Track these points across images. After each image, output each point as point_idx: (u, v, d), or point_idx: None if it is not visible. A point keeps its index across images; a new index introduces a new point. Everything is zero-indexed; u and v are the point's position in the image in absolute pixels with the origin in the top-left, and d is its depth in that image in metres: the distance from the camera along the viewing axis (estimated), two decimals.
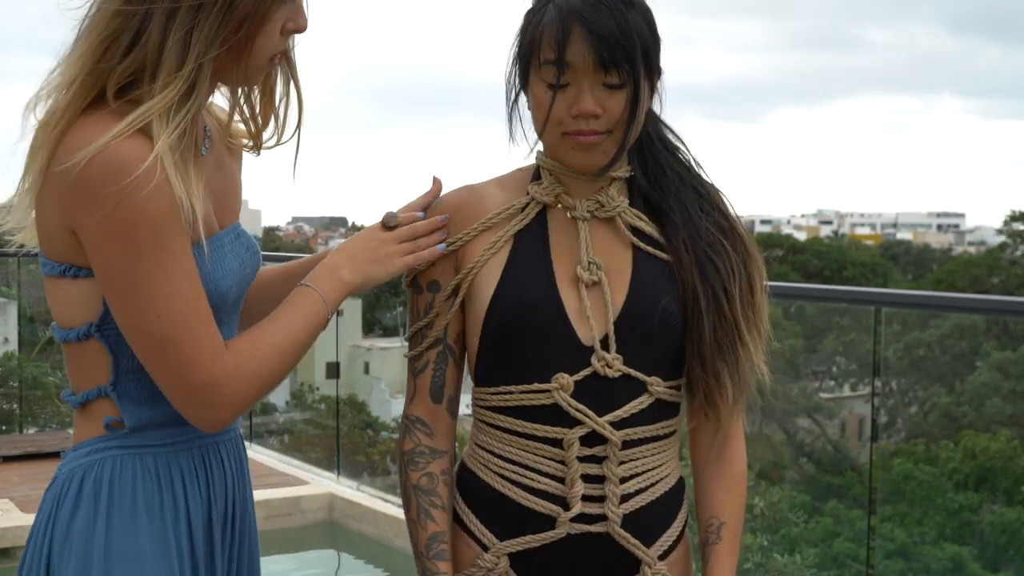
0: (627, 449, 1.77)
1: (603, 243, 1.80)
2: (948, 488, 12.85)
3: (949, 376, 20.27)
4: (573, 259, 1.79)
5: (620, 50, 1.68)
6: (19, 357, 9.81)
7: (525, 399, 1.76)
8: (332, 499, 6.43)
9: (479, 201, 1.83)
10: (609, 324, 1.75)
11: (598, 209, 1.80)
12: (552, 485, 1.76)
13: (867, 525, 7.00)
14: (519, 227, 1.80)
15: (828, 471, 16.03)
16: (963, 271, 32.06)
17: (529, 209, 1.81)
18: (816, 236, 56.99)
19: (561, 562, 1.77)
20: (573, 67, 1.69)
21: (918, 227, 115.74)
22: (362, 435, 14.77)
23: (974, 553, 11.23)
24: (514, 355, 1.77)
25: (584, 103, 1.69)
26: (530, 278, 1.77)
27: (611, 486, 1.75)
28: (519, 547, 1.77)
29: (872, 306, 5.21)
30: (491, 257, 1.79)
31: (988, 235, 77.77)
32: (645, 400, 1.77)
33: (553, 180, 1.81)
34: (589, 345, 1.75)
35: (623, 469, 1.76)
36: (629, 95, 1.70)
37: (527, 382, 1.76)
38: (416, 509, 1.80)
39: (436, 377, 1.85)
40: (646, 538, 1.78)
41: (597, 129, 1.71)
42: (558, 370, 1.74)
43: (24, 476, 6.72)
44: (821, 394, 19.97)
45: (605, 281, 1.77)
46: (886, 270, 38.95)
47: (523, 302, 1.75)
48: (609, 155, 1.74)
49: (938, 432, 17.24)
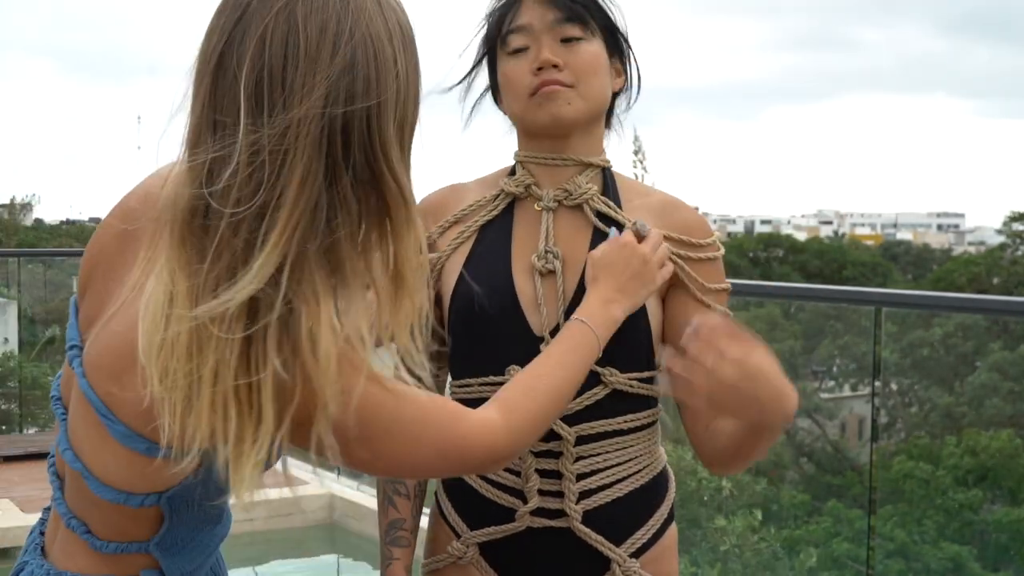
0: (584, 445, 1.77)
1: (567, 232, 1.80)
2: (948, 487, 12.85)
3: (949, 377, 20.28)
4: (534, 249, 1.79)
5: (573, 5, 1.76)
6: (19, 357, 9.81)
7: (484, 391, 1.75)
8: (332, 499, 6.42)
9: (458, 198, 1.87)
10: (559, 314, 1.75)
11: (566, 197, 1.81)
12: (510, 479, 1.78)
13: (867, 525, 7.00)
14: (486, 219, 1.83)
15: (828, 471, 16.03)
16: (963, 271, 32.05)
17: (499, 201, 1.84)
18: (816, 236, 56.99)
19: (528, 554, 1.80)
20: (530, 29, 1.77)
21: (918, 227, 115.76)
22: None
23: (974, 553, 11.23)
24: (472, 346, 1.79)
25: (543, 54, 1.75)
26: (487, 269, 1.79)
27: (567, 483, 1.76)
28: (484, 538, 1.81)
29: (872, 306, 5.20)
30: (454, 250, 1.82)
31: (988, 235, 77.74)
32: (599, 391, 1.76)
33: (525, 172, 1.83)
34: (541, 335, 1.75)
35: (581, 465, 1.76)
36: (589, 48, 1.77)
37: (484, 375, 1.78)
38: (381, 495, 1.85)
39: (439, 384, 1.85)
40: (616, 535, 1.78)
41: (561, 80, 1.75)
42: (511, 361, 1.75)
43: (24, 476, 6.72)
44: (821, 394, 19.97)
45: (559, 269, 1.77)
46: (886, 270, 38.93)
47: (478, 292, 1.75)
48: (577, 108, 1.77)
49: (938, 432, 17.24)
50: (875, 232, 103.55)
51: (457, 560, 1.84)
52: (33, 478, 6.64)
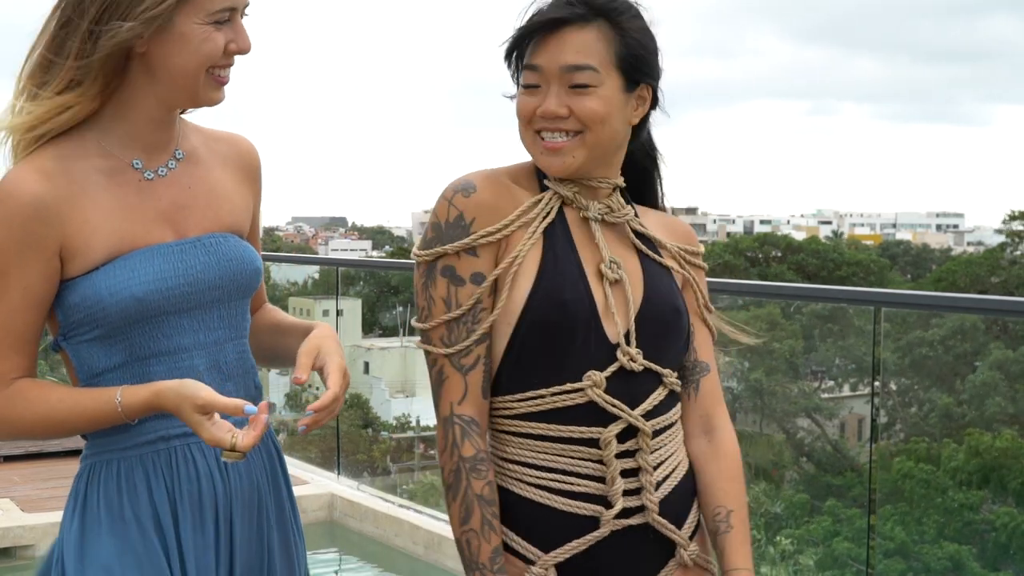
0: (654, 438, 1.82)
1: (616, 245, 1.87)
2: (949, 486, 12.84)
3: (949, 376, 20.27)
4: (592, 258, 1.83)
5: (586, 53, 1.76)
6: None
7: (559, 401, 1.77)
8: (332, 499, 6.43)
9: (509, 196, 1.83)
10: (631, 320, 1.81)
11: (608, 213, 1.86)
12: (591, 486, 1.78)
13: (867, 524, 7.01)
14: (546, 223, 1.82)
15: (828, 471, 16.02)
16: (963, 271, 32.04)
17: (551, 203, 1.83)
18: (815, 236, 56.95)
19: (602, 559, 1.79)
20: (541, 71, 1.78)
21: (917, 227, 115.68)
22: (362, 434, 14.77)
23: (974, 552, 11.23)
24: (545, 354, 1.77)
25: (548, 104, 1.77)
26: (564, 275, 1.79)
27: (646, 476, 1.79)
28: (567, 554, 1.77)
29: (872, 306, 5.20)
30: (526, 254, 1.79)
31: (987, 235, 77.70)
32: (662, 392, 1.84)
33: (562, 181, 1.85)
34: (615, 342, 1.80)
35: (653, 458, 1.81)
36: (600, 95, 1.77)
37: (559, 383, 1.77)
38: (480, 520, 1.74)
39: (487, 374, 1.80)
40: (677, 522, 1.84)
41: (564, 128, 1.77)
42: (587, 367, 1.77)
43: (24, 476, 6.72)
44: (821, 394, 19.96)
45: (626, 279, 1.82)
46: (882, 268, 38.86)
47: (562, 299, 1.76)
48: (579, 160, 1.79)
49: (938, 432, 17.24)
50: (874, 232, 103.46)
51: None
52: (33, 478, 6.64)
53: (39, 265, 1.76)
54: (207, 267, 1.85)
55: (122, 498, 1.81)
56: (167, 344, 1.83)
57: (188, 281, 1.84)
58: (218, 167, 1.96)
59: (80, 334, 1.82)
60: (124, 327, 1.80)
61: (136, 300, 1.79)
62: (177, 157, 1.89)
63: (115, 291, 1.78)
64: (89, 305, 1.79)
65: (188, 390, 1.71)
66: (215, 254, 1.87)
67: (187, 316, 1.84)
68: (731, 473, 1.90)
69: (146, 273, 1.80)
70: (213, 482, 1.84)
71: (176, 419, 1.77)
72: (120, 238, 1.80)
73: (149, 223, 1.84)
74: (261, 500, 1.92)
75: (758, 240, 41.51)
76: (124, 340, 1.81)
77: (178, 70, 1.78)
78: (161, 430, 1.83)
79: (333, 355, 1.81)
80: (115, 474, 1.82)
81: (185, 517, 1.82)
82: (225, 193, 1.94)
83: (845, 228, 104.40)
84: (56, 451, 6.99)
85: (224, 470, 1.86)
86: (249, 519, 1.89)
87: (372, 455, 13.89)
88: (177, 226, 1.86)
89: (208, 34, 1.77)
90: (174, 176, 1.88)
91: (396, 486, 11.20)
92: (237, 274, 1.89)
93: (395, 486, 11.02)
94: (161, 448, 1.83)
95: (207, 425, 1.69)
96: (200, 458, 1.84)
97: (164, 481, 1.82)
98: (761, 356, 15.35)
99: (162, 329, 1.82)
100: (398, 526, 5.93)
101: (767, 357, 15.90)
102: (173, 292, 1.82)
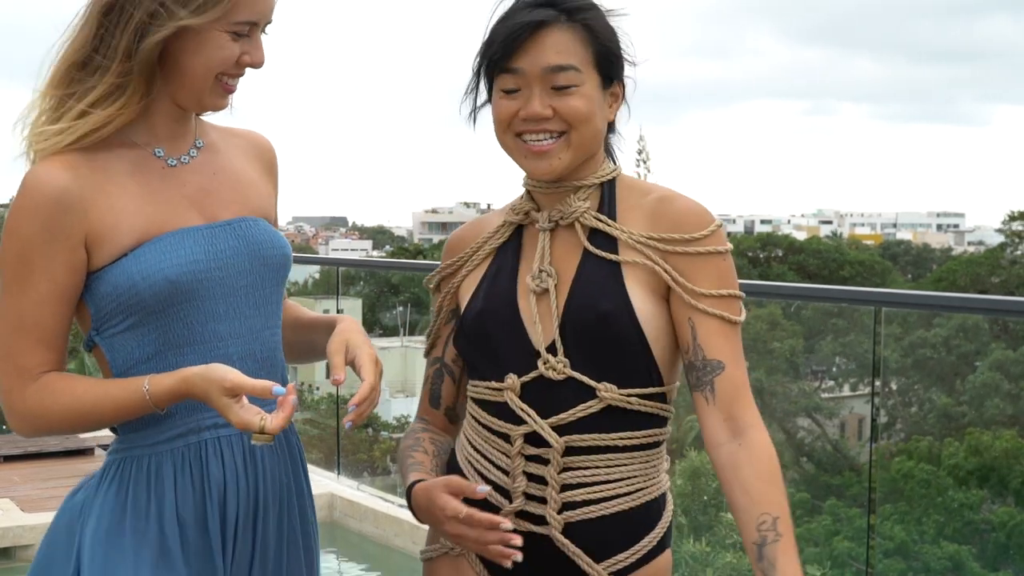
0: (573, 456, 1.79)
1: (562, 251, 1.86)
2: (949, 486, 12.84)
3: (949, 376, 20.27)
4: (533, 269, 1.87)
5: (567, 55, 1.77)
6: None
7: (486, 394, 1.87)
8: (332, 499, 6.43)
9: (477, 232, 1.97)
10: (555, 329, 1.80)
11: (561, 218, 1.86)
12: (501, 478, 1.83)
13: (867, 523, 7.01)
14: (497, 244, 1.92)
15: (828, 471, 16.03)
16: (964, 271, 32.04)
17: (506, 228, 1.92)
18: (816, 236, 56.92)
19: None
20: (522, 73, 1.79)
21: (918, 227, 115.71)
22: (362, 434, 14.77)
23: (973, 552, 11.23)
24: (480, 357, 1.89)
25: (532, 106, 1.78)
26: (496, 289, 1.88)
27: (551, 490, 1.79)
28: None
29: (872, 306, 5.19)
30: (469, 273, 1.93)
31: (987, 235, 77.73)
32: (594, 405, 1.79)
33: (527, 198, 1.91)
34: (538, 349, 1.82)
35: (568, 476, 1.80)
36: (582, 94, 1.78)
37: (487, 379, 1.87)
38: (402, 459, 1.95)
39: (434, 390, 2.01)
40: (598, 552, 1.79)
41: (550, 128, 1.79)
42: (511, 371, 1.83)
43: (24, 476, 6.72)
44: (821, 394, 19.96)
45: (552, 288, 1.82)
46: (884, 269, 38.87)
47: (485, 309, 1.86)
48: (566, 160, 1.81)
49: (939, 432, 17.24)
50: (875, 232, 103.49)
51: (449, 551, 1.89)
52: (33, 478, 6.64)
53: (64, 255, 1.75)
54: (237, 251, 1.85)
55: (150, 497, 1.80)
56: (201, 331, 1.82)
57: (219, 264, 1.83)
58: (239, 157, 1.97)
59: (113, 325, 1.80)
60: (158, 312, 1.78)
61: (169, 282, 1.77)
62: (198, 146, 1.90)
63: (147, 274, 1.77)
64: (121, 292, 1.77)
65: (216, 373, 1.70)
66: (245, 238, 1.87)
67: (222, 302, 1.83)
68: (769, 476, 1.73)
69: (177, 255, 1.79)
70: (237, 478, 1.84)
71: (207, 411, 1.77)
72: (149, 221, 1.80)
73: (177, 207, 1.84)
74: (284, 498, 1.93)
75: (760, 240, 41.50)
76: (158, 328, 1.79)
77: (189, 70, 1.79)
78: (192, 422, 1.82)
79: (363, 346, 1.83)
80: (145, 471, 1.81)
81: (213, 515, 1.81)
82: (250, 180, 1.95)
83: (845, 228, 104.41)
84: (56, 451, 6.98)
85: (251, 466, 1.85)
86: (275, 516, 1.90)
87: (372, 455, 13.90)
88: (205, 210, 1.86)
89: (225, 42, 1.78)
90: (197, 164, 1.89)
91: (396, 486, 11.19)
92: (268, 258, 1.89)
93: (395, 486, 11.00)
94: (192, 441, 1.82)
95: (235, 408, 1.68)
96: (228, 453, 1.84)
97: (191, 478, 1.81)
98: (761, 356, 15.35)
99: (196, 315, 1.81)
100: (398, 526, 5.93)
101: (767, 357, 15.91)
102: (205, 275, 1.81)
